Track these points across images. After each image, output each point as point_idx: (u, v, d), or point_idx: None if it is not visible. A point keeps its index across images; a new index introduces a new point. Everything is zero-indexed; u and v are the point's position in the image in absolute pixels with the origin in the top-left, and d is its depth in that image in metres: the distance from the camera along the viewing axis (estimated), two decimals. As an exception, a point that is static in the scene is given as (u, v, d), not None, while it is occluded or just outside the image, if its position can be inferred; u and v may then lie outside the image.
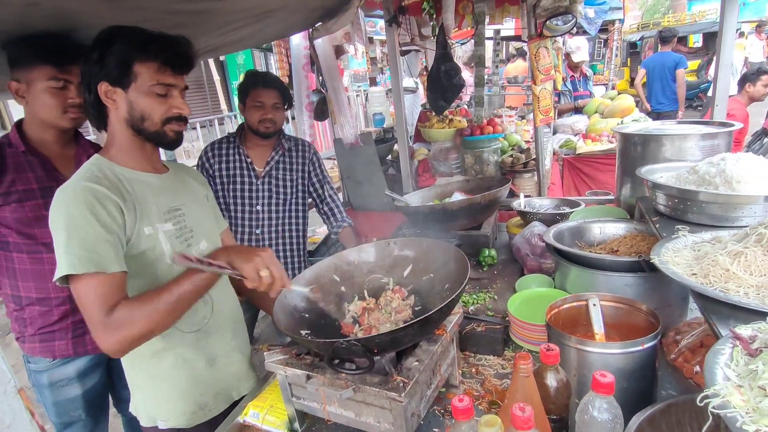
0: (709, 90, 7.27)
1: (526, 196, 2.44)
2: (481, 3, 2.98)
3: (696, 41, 13.36)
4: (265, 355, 1.15)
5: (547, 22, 2.69)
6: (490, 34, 6.61)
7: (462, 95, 6.69)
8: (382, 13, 3.23)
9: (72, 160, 1.60)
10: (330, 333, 1.25)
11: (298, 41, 3.19)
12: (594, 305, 1.16)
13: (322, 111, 3.49)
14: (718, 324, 0.90)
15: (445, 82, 2.91)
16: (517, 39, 7.36)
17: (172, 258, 1.06)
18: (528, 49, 2.88)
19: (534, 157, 3.19)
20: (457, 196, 2.42)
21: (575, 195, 3.65)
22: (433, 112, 3.38)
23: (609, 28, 8.66)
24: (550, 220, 2.08)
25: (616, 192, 2.13)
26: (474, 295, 1.78)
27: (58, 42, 1.41)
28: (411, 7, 3.66)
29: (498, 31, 6.82)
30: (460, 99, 6.40)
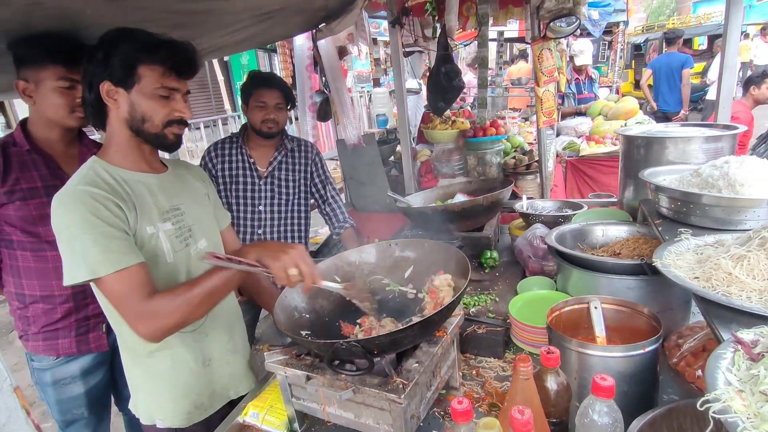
0: (707, 93, 7.25)
1: (528, 198, 2.43)
2: (485, 5, 2.98)
3: (701, 44, 13.31)
4: (265, 356, 1.15)
5: (551, 24, 2.69)
6: (493, 35, 6.60)
7: (465, 96, 6.69)
8: (385, 14, 3.24)
9: (76, 159, 1.61)
10: (330, 334, 1.25)
11: (301, 42, 3.20)
12: (595, 308, 1.15)
13: (325, 112, 3.49)
14: (720, 328, 0.90)
15: (445, 83, 2.90)
16: (520, 41, 7.34)
17: (202, 257, 1.08)
18: (531, 50, 2.87)
19: (537, 159, 3.19)
20: (460, 198, 2.42)
21: (578, 197, 3.63)
22: (433, 113, 3.37)
23: (613, 30, 8.64)
24: (553, 222, 2.07)
25: (619, 194, 2.12)
26: (475, 297, 1.77)
27: (68, 42, 1.42)
28: (414, 8, 3.66)
29: (502, 32, 6.82)
30: (464, 100, 6.40)
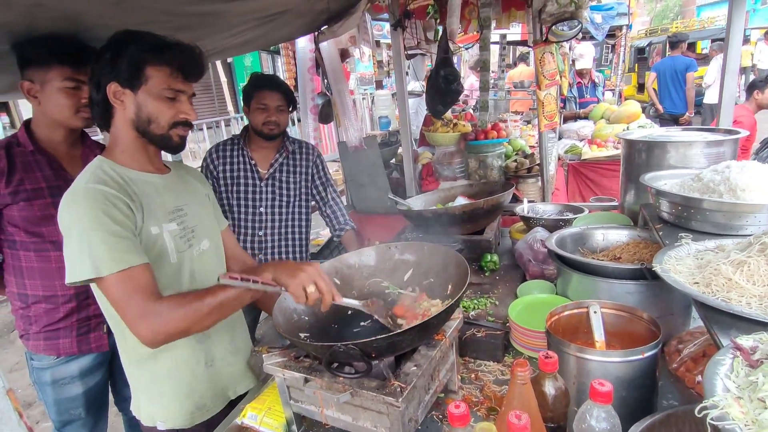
0: (704, 97, 7.31)
1: (529, 202, 2.43)
2: (487, 8, 2.98)
3: (704, 47, 13.31)
4: (264, 358, 1.15)
5: (553, 28, 2.69)
6: (496, 38, 6.60)
7: (468, 99, 6.70)
8: (388, 16, 3.24)
9: (79, 160, 1.62)
10: (329, 336, 1.25)
11: (303, 44, 3.21)
12: (595, 312, 1.15)
13: (327, 114, 3.50)
14: (719, 334, 0.89)
15: (444, 87, 2.91)
16: (523, 44, 7.35)
17: (218, 277, 1.07)
18: (533, 54, 2.87)
19: (538, 162, 3.18)
20: (460, 201, 2.42)
21: (580, 201, 3.63)
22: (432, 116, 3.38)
23: (616, 34, 8.64)
24: (553, 225, 2.07)
25: (620, 198, 2.12)
26: (475, 300, 1.77)
27: (74, 43, 1.43)
28: (416, 11, 3.67)
29: (504, 35, 6.82)
30: (466, 103, 6.41)
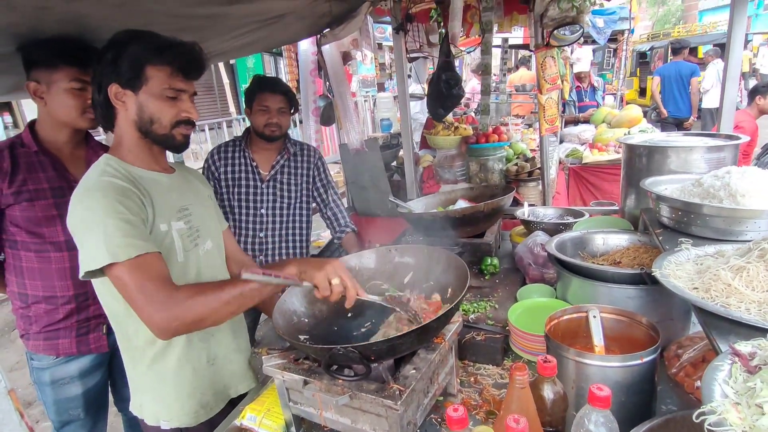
0: (702, 102, 7.44)
1: (530, 205, 2.43)
2: (489, 12, 2.99)
3: (705, 52, 13.33)
4: (263, 359, 1.15)
5: (555, 32, 2.70)
6: (498, 42, 6.62)
7: (470, 102, 6.71)
8: (390, 19, 3.26)
9: (82, 161, 1.62)
10: (329, 339, 1.25)
11: (306, 47, 3.22)
12: (594, 317, 1.15)
13: (329, 116, 3.51)
14: (718, 339, 0.89)
15: (445, 90, 2.91)
16: (525, 47, 7.38)
17: (240, 273, 1.05)
18: (535, 58, 2.88)
19: (539, 166, 3.19)
20: (461, 204, 2.42)
21: (580, 205, 3.63)
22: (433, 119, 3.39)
23: (618, 38, 8.66)
24: (554, 229, 2.07)
25: (621, 203, 2.12)
26: (475, 304, 1.77)
27: (80, 44, 1.44)
28: (419, 14, 3.68)
29: (506, 39, 6.83)
30: (468, 106, 6.42)
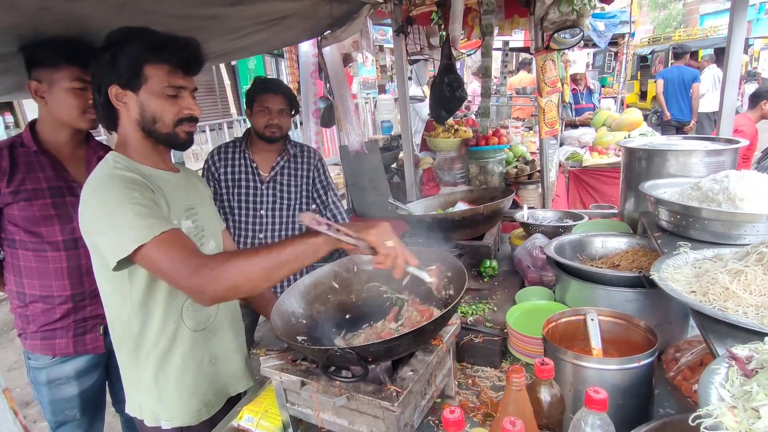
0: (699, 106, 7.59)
1: (529, 208, 2.43)
2: (490, 15, 2.99)
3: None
4: (261, 360, 1.15)
5: (555, 35, 2.70)
6: (499, 44, 6.64)
7: (470, 105, 6.72)
8: (390, 21, 3.26)
9: (82, 161, 1.62)
10: (326, 340, 1.25)
11: (306, 48, 3.23)
12: (592, 320, 1.15)
13: (329, 118, 3.52)
14: (715, 343, 0.89)
15: (447, 93, 2.92)
16: (525, 50, 7.39)
17: (300, 216, 1.02)
18: (535, 61, 2.89)
19: (539, 168, 3.19)
20: (461, 206, 2.42)
21: (580, 208, 3.63)
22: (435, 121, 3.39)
23: (619, 42, 8.69)
24: (553, 232, 2.07)
25: (620, 206, 2.12)
26: (473, 306, 1.77)
27: (83, 44, 1.44)
28: (419, 17, 3.69)
29: (507, 42, 6.85)
30: (468, 109, 6.43)
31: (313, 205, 2.40)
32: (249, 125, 2.25)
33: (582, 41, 2.91)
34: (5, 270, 1.62)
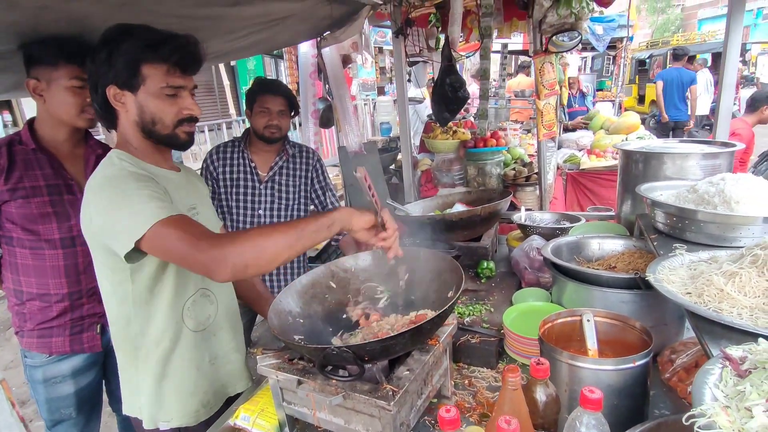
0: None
1: (527, 210, 2.44)
2: (488, 17, 3.01)
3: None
4: (258, 359, 1.15)
5: (553, 38, 2.72)
6: (498, 47, 6.65)
7: (469, 107, 6.74)
8: (390, 24, 3.27)
9: (80, 160, 1.62)
10: (323, 340, 1.25)
11: (306, 49, 3.24)
12: (588, 321, 1.15)
13: (328, 118, 3.52)
14: (710, 344, 0.90)
15: (450, 94, 2.93)
16: (524, 53, 7.43)
17: (356, 169, 1.11)
18: (533, 63, 2.90)
19: (536, 171, 3.20)
20: (458, 208, 2.43)
21: (578, 210, 3.64)
22: (438, 123, 3.40)
23: (617, 45, 8.74)
24: (550, 234, 2.07)
25: (617, 208, 2.13)
26: (470, 307, 1.78)
27: (82, 43, 1.44)
28: (418, 19, 3.71)
29: (506, 45, 6.87)
30: (467, 111, 6.44)
31: (312, 206, 2.40)
32: (248, 126, 2.25)
33: (580, 44, 2.93)
34: (3, 268, 1.62)
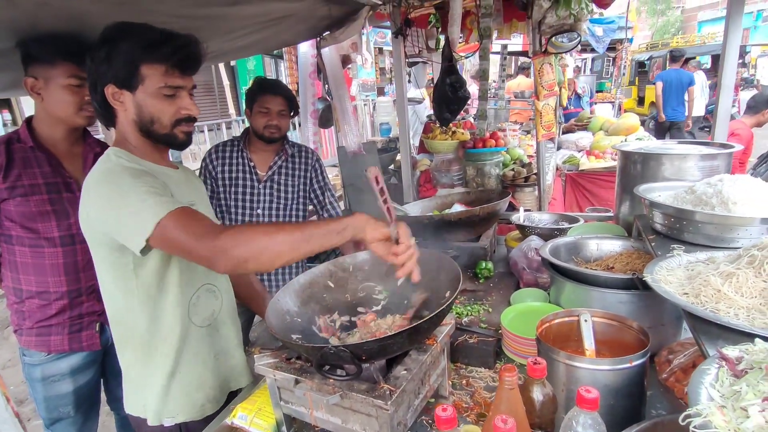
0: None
1: (525, 210, 2.44)
2: (488, 18, 3.01)
3: (705, 62, 13.49)
4: (255, 358, 1.15)
5: (552, 39, 2.72)
6: (497, 48, 6.67)
7: (469, 108, 6.75)
8: (389, 24, 3.28)
9: (79, 158, 1.62)
10: (321, 339, 1.26)
11: (305, 49, 3.24)
12: (585, 321, 1.15)
13: (327, 119, 3.52)
14: (707, 344, 0.90)
15: (450, 94, 2.94)
16: (524, 54, 7.44)
17: (367, 169, 1.04)
18: (532, 64, 2.90)
19: (535, 171, 3.20)
20: (457, 208, 2.43)
21: (577, 211, 3.64)
22: (438, 123, 3.41)
23: (617, 47, 8.77)
24: (548, 234, 2.08)
25: (616, 209, 2.13)
26: (468, 307, 1.78)
27: (80, 41, 1.44)
28: (418, 19, 3.71)
29: (505, 46, 6.88)
30: (467, 112, 6.45)
31: (310, 206, 2.40)
32: (247, 125, 2.25)
33: (580, 46, 2.94)
34: (2, 266, 1.62)
